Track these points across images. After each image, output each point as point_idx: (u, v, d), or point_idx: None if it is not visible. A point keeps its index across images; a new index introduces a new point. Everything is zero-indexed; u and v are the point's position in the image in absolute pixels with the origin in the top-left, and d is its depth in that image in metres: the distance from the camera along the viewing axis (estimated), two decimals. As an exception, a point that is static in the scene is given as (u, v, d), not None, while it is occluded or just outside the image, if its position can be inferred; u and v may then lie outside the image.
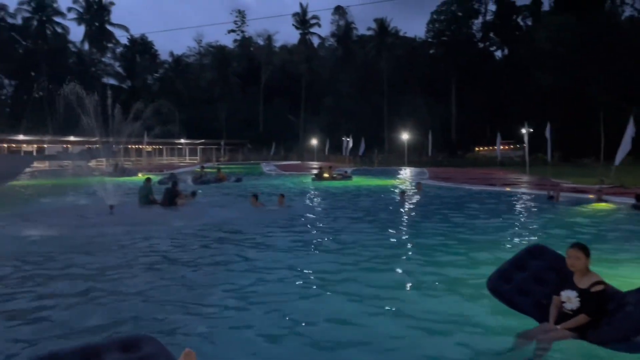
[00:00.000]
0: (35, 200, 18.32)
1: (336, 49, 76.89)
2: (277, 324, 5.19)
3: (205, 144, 66.85)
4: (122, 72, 77.95)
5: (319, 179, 26.51)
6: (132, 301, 5.95)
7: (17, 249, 9.03)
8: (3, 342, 4.70)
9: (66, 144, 50.92)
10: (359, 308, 5.67)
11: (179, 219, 12.76)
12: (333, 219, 13.01)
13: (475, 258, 8.07)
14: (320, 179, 26.45)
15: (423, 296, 6.11)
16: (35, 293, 6.33)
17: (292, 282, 6.82)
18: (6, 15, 66.82)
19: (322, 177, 26.62)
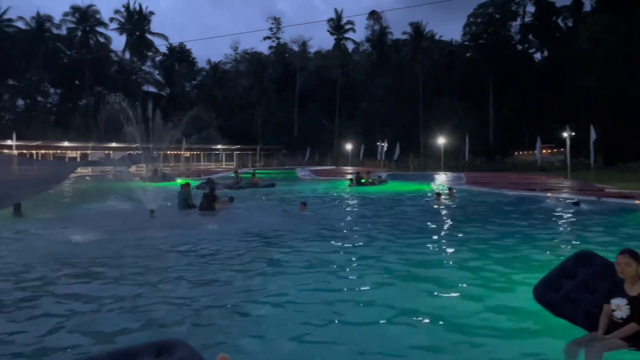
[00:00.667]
0: (79, 205, 18.94)
1: (371, 53, 76.73)
2: (312, 330, 5.18)
3: (241, 150, 67.73)
4: (161, 80, 79.95)
5: (356, 183, 26.43)
6: (168, 305, 6.03)
7: (62, 252, 9.34)
8: (44, 344, 4.85)
9: (108, 150, 52.53)
10: (396, 314, 5.61)
11: (216, 224, 12.94)
12: (368, 224, 12.93)
13: (517, 265, 7.87)
14: (357, 183, 26.37)
15: (463, 304, 5.97)
16: (76, 295, 6.51)
17: (326, 287, 6.80)
18: (52, 27, 69.64)
19: (359, 182, 26.53)
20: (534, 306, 4.75)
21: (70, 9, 69.84)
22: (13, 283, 7.08)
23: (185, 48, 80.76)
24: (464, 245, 9.69)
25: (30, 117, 67.05)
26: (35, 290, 6.77)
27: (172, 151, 52.07)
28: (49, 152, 49.98)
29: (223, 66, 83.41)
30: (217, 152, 67.45)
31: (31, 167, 24.56)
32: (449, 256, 8.90)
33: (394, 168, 49.61)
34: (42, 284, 7.07)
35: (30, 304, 6.14)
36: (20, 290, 6.72)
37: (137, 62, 76.34)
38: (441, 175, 38.60)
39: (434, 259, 8.64)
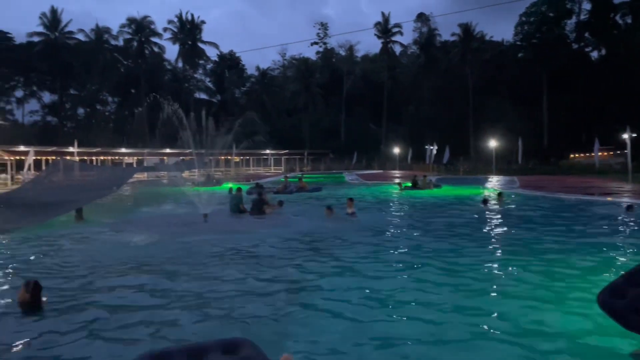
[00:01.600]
0: (136, 209, 19.72)
1: (418, 56, 75.90)
2: (366, 331, 5.24)
3: (289, 154, 68.49)
4: (212, 87, 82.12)
5: (412, 186, 26.11)
6: (225, 305, 6.24)
7: (122, 254, 9.79)
8: (116, 341, 5.14)
9: (162, 156, 54.39)
10: (445, 320, 5.58)
11: (267, 227, 13.21)
12: (414, 229, 12.85)
13: (574, 272, 7.63)
14: (413, 187, 26.05)
15: (521, 312, 5.86)
16: (136, 294, 6.84)
17: (377, 291, 6.80)
18: (110, 38, 73.04)
19: (415, 184, 26.19)
20: (591, 316, 4.62)
21: (126, 20, 73.11)
22: (77, 284, 7.49)
23: (234, 55, 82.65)
24: (514, 252, 9.46)
25: (90, 125, 70.45)
26: (98, 290, 7.14)
27: (223, 156, 53.33)
28: (108, 158, 52.26)
29: (271, 72, 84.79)
30: (266, 157, 68.49)
31: (92, 173, 25.86)
32: (497, 264, 8.71)
33: (444, 172, 48.80)
34: (103, 284, 7.45)
35: (94, 302, 6.50)
36: (84, 290, 7.11)
37: (189, 70, 78.74)
38: (493, 178, 37.68)
39: (479, 266, 8.45)
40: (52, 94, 72.58)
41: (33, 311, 5.85)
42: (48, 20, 68.13)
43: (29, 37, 68.00)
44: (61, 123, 72.06)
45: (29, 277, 7.84)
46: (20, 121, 71.50)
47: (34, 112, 74.05)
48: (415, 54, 77.96)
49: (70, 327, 5.51)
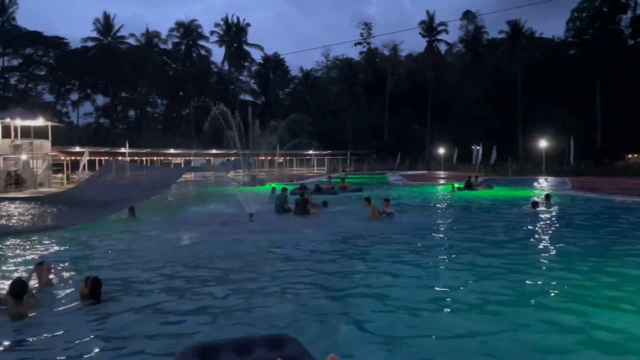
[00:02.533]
0: (185, 208, 20.26)
1: (464, 54, 74.43)
2: (412, 332, 5.20)
3: (332, 155, 68.59)
4: (256, 89, 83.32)
5: (466, 188, 25.56)
6: (269, 303, 6.31)
7: (171, 252, 10.09)
8: (165, 334, 5.31)
9: (209, 157, 55.64)
10: (495, 324, 5.46)
11: (311, 227, 13.30)
12: (459, 231, 12.61)
13: (625, 279, 7.32)
14: (467, 187, 25.50)
15: (580, 317, 5.68)
16: (186, 291, 7.02)
17: (421, 293, 6.73)
18: (159, 42, 75.34)
19: (470, 186, 25.62)
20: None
21: (175, 24, 75.22)
22: (129, 278, 7.77)
23: (279, 57, 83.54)
24: (563, 257, 9.12)
25: (140, 127, 72.94)
26: (149, 284, 7.40)
27: (267, 157, 54.02)
28: (157, 159, 53.91)
29: (315, 73, 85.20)
30: (309, 158, 68.87)
31: (142, 173, 26.80)
32: (542, 269, 8.41)
33: (491, 172, 47.63)
34: (153, 280, 7.70)
35: (145, 295, 6.73)
36: (136, 285, 7.37)
37: (235, 73, 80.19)
38: (543, 180, 36.52)
39: (526, 271, 8.20)
40: (105, 97, 75.58)
41: (92, 303, 6.14)
42: (101, 25, 70.95)
43: (83, 42, 71.12)
44: (113, 125, 74.92)
45: (82, 269, 8.23)
46: (75, 123, 74.78)
47: (88, 115, 77.44)
48: (461, 52, 76.50)
49: (122, 319, 5.77)
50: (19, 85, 71.28)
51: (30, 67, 70.89)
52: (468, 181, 26.21)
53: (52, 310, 5.98)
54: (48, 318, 5.72)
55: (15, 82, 71.45)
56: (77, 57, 69.89)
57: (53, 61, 71.63)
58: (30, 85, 72.16)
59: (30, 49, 69.92)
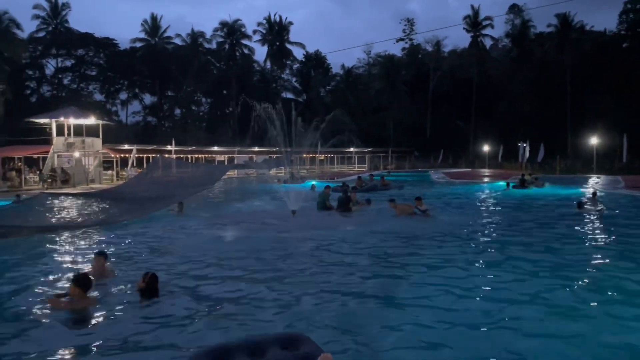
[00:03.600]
0: (229, 204, 20.67)
1: (511, 49, 72.42)
2: (449, 338, 5.14)
3: (373, 152, 68.20)
4: (298, 87, 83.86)
5: (520, 186, 24.92)
6: (314, 301, 6.33)
7: (216, 246, 10.34)
8: (207, 327, 5.45)
9: (251, 154, 56.43)
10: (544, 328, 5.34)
11: (353, 224, 13.33)
12: (502, 229, 12.34)
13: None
14: (521, 186, 24.86)
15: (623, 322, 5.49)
16: (231, 285, 7.19)
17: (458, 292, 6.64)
18: (204, 41, 77.02)
19: (524, 184, 24.95)
20: None
21: (219, 24, 76.67)
22: (176, 273, 8.00)
23: (320, 55, 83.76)
24: (612, 260, 8.80)
25: (185, 125, 74.73)
26: (195, 278, 7.60)
27: (308, 154, 54.32)
28: (202, 157, 55.09)
29: (356, 70, 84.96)
30: (350, 155, 68.76)
31: (188, 170, 27.46)
32: (594, 273, 8.15)
33: (538, 171, 46.20)
34: (200, 274, 7.92)
35: (191, 289, 6.93)
36: (183, 279, 7.60)
37: (277, 71, 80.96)
38: (593, 178, 35.17)
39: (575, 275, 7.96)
40: (152, 96, 77.84)
41: (148, 297, 6.37)
42: (149, 26, 73.12)
43: (132, 43, 73.49)
44: (160, 123, 77.11)
45: (134, 263, 8.56)
46: (124, 122, 77.35)
47: (136, 113, 79.97)
48: (507, 47, 74.50)
49: (168, 311, 5.96)
50: (72, 86, 74.30)
51: (82, 67, 73.76)
52: (522, 178, 25.50)
53: (109, 304, 6.20)
54: (107, 312, 5.92)
55: (68, 82, 74.54)
56: (126, 58, 72.31)
57: (103, 62, 74.30)
58: (82, 85, 75.09)
59: (82, 50, 72.76)
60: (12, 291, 7.11)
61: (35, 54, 68.24)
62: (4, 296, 6.83)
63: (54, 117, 37.49)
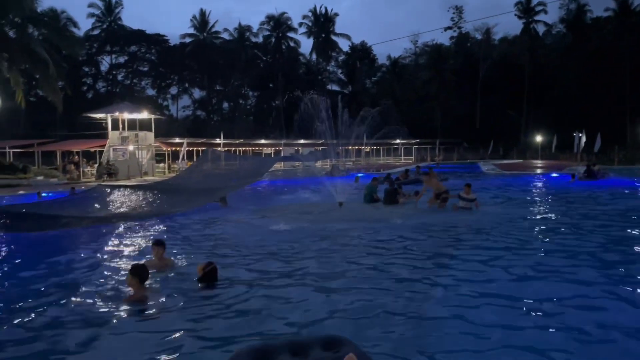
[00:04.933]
0: (275, 197, 20.94)
1: (565, 35, 69.43)
2: (493, 335, 5.04)
3: (420, 144, 67.26)
4: (343, 78, 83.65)
5: (586, 177, 23.92)
6: (366, 297, 6.24)
7: (263, 239, 10.49)
8: (256, 320, 5.55)
9: (297, 147, 56.86)
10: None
11: (400, 217, 13.21)
12: (553, 224, 11.90)
13: None
14: (588, 177, 23.86)
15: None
16: (276, 277, 7.25)
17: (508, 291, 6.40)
18: (251, 35, 78.05)
19: (590, 175, 23.94)
20: None
21: (265, 18, 77.48)
22: (228, 264, 8.16)
23: (366, 46, 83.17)
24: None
25: (233, 118, 76.16)
26: (243, 270, 7.75)
27: (354, 146, 54.15)
28: (249, 149, 55.98)
29: (403, 61, 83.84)
30: (396, 147, 68.08)
31: (236, 163, 28.00)
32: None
33: (595, 162, 44.30)
34: (246, 266, 8.04)
35: (238, 281, 7.08)
36: (233, 270, 7.78)
37: (323, 63, 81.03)
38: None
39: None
40: (201, 90, 79.67)
41: (205, 286, 6.55)
42: (197, 22, 74.79)
43: (181, 38, 75.43)
44: (209, 117, 78.89)
45: (188, 254, 8.83)
46: (175, 116, 79.58)
47: (186, 107, 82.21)
48: (561, 33, 71.48)
49: (223, 302, 6.09)
50: (125, 81, 77.07)
51: (134, 63, 76.37)
52: (589, 168, 24.29)
53: (167, 294, 6.31)
54: (164, 302, 6.03)
55: (122, 78, 77.39)
56: (176, 53, 74.30)
57: (155, 57, 76.62)
58: (135, 80, 77.79)
59: (134, 47, 75.29)
60: (71, 280, 7.46)
61: (91, 51, 71.11)
62: (63, 286, 7.14)
63: (109, 112, 39.04)
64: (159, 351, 4.66)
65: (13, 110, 41.63)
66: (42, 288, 6.95)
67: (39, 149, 39.60)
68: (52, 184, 27.05)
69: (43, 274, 7.78)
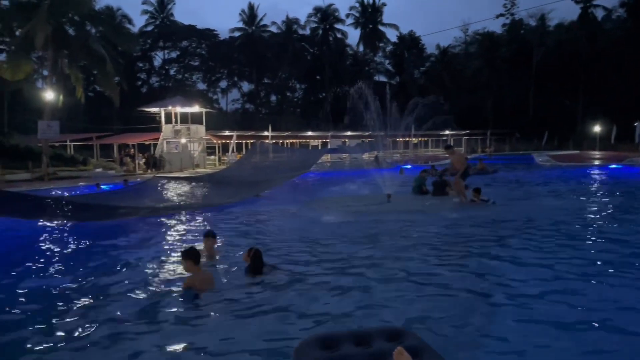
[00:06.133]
0: (324, 189, 21.05)
1: (626, 20, 65.77)
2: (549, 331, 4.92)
3: (470, 135, 65.71)
4: (391, 69, 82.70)
5: None
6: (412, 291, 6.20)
7: (311, 230, 10.62)
8: (317, 309, 5.66)
9: (344, 139, 56.84)
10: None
11: (449, 209, 13.04)
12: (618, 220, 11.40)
13: None
14: None
15: None
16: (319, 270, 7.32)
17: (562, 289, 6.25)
18: (298, 28, 78.41)
19: None
20: None
21: (313, 10, 77.64)
22: (277, 255, 8.28)
23: (414, 35, 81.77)
24: None
25: (281, 111, 76.91)
26: (291, 261, 7.84)
27: (402, 138, 53.56)
28: (296, 142, 56.42)
29: (452, 50, 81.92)
30: (445, 138, 66.83)
31: (284, 155, 28.34)
32: None
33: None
34: (296, 257, 8.16)
35: (294, 272, 7.19)
36: (280, 259, 7.92)
37: (370, 54, 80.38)
38: None
39: None
40: (250, 84, 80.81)
41: (253, 273, 6.74)
42: (246, 16, 75.80)
43: (231, 32, 76.67)
44: (257, 109, 79.98)
45: (237, 244, 9.05)
46: (224, 109, 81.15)
47: (235, 101, 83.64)
48: (621, 17, 67.78)
49: (280, 291, 6.24)
50: (177, 76, 79.17)
51: (186, 58, 78.30)
52: None
53: (219, 283, 6.48)
54: (217, 291, 6.18)
55: (174, 73, 79.54)
56: (225, 47, 75.65)
57: (205, 52, 78.26)
58: (186, 75, 79.77)
59: (185, 42, 77.16)
60: (126, 267, 7.81)
61: (144, 47, 73.43)
62: (120, 273, 7.46)
63: (163, 106, 40.31)
64: (215, 338, 4.83)
65: (73, 106, 43.68)
66: (103, 274, 7.32)
67: (98, 142, 41.47)
68: (110, 176, 28.26)
69: (103, 262, 8.18)
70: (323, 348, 3.45)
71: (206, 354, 4.53)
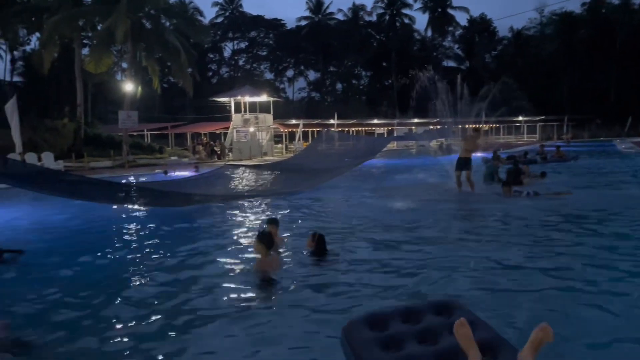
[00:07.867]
0: (390, 177, 20.89)
1: None
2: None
3: (545, 121, 62.61)
4: (460, 54, 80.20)
5: None
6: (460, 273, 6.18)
7: (382, 217, 10.59)
8: (383, 292, 5.66)
9: (410, 126, 55.96)
10: None
11: (524, 199, 12.53)
12: None
13: None
14: None
15: None
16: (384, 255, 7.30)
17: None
18: (365, 15, 77.75)
19: None
20: None
21: (380, -5, 76.58)
22: (342, 240, 8.35)
23: (486, 18, 78.73)
24: None
25: (346, 99, 76.80)
26: (357, 248, 7.87)
27: (472, 125, 51.92)
28: (362, 129, 56.25)
29: (526, 32, 78.11)
30: (518, 125, 64.12)
31: (350, 143, 28.35)
32: None
33: None
34: (362, 245, 8.13)
35: (360, 256, 7.23)
36: (345, 245, 7.97)
37: (438, 39, 78.35)
38: None
39: None
40: (316, 72, 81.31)
41: (318, 257, 6.87)
42: (313, 4, 76.08)
43: (297, 21, 77.38)
44: (323, 98, 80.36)
45: (302, 229, 9.18)
46: (291, 98, 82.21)
47: (301, 89, 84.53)
48: None
49: (334, 276, 6.33)
50: (246, 66, 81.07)
51: (254, 48, 79.96)
52: None
53: (285, 267, 6.65)
54: (281, 277, 6.31)
55: (243, 63, 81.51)
56: (292, 37, 76.46)
57: (272, 42, 79.51)
58: (254, 65, 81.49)
59: (254, 32, 78.76)
60: (196, 251, 8.09)
61: (215, 38, 75.65)
62: (190, 257, 7.71)
63: (232, 95, 41.41)
64: (280, 318, 4.97)
65: (150, 96, 45.89)
66: (180, 257, 7.68)
67: (172, 131, 43.40)
68: (185, 164, 29.51)
69: (176, 246, 8.54)
70: (372, 327, 3.41)
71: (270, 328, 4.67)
